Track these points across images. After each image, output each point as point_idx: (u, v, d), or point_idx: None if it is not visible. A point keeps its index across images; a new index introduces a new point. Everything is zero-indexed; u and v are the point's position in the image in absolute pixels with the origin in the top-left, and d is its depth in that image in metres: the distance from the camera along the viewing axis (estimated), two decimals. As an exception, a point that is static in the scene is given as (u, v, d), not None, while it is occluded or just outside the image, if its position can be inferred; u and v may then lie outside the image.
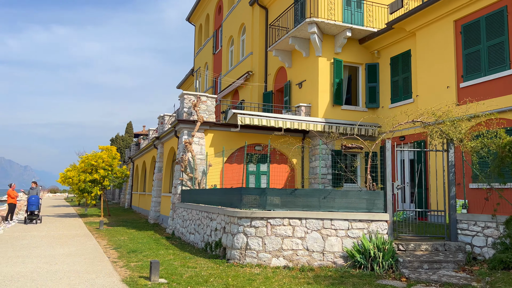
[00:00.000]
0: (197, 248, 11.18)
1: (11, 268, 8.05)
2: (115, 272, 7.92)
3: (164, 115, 19.96)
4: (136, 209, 28.43)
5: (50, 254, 9.79)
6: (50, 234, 13.88)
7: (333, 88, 16.65)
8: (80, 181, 21.54)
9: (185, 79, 35.96)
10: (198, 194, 12.66)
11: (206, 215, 11.01)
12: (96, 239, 13.02)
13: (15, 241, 12.12)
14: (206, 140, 15.52)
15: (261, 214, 8.54)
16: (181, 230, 13.57)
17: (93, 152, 22.88)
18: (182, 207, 13.91)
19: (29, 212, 18.07)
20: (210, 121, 15.37)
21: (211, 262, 8.90)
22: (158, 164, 20.07)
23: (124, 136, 64.75)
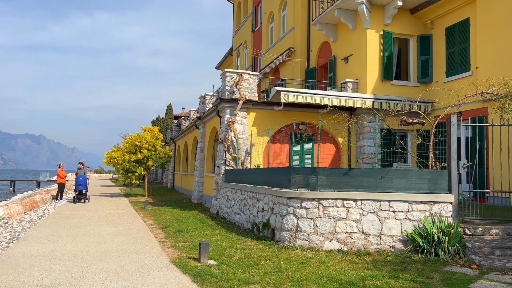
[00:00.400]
0: (243, 228, 10.91)
1: (62, 247, 8.08)
2: (163, 252, 7.76)
3: (205, 94, 19.72)
4: (179, 189, 28.79)
5: (98, 233, 9.84)
6: (98, 213, 14.12)
7: (382, 62, 15.66)
8: (124, 161, 21.89)
9: (224, 59, 35.59)
10: (242, 174, 12.34)
11: (252, 195, 10.67)
12: (142, 218, 13.08)
13: (65, 219, 12.38)
14: (249, 119, 15.10)
15: (312, 195, 8.05)
16: (225, 210, 13.38)
17: (137, 133, 23.15)
18: (226, 187, 13.68)
19: (77, 192, 18.57)
20: (252, 99, 14.91)
21: (259, 244, 8.57)
22: (200, 144, 19.97)
23: (164, 118, 65.87)
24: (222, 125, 15.16)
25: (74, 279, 5.81)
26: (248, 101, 14.74)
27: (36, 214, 13.79)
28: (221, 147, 14.77)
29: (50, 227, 10.80)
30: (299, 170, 8.46)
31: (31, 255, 7.29)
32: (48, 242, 8.59)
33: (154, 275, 6.11)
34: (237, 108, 14.37)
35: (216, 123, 17.19)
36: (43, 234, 9.57)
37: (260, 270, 6.44)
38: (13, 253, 7.46)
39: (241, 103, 14.41)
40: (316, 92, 14.70)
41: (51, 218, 12.78)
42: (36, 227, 10.84)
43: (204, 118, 19.19)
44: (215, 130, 18.29)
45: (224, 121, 14.74)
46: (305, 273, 6.27)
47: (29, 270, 6.23)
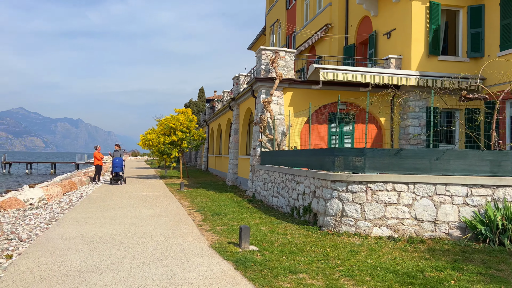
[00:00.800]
0: (282, 212, 10.48)
1: (100, 229, 7.93)
2: (202, 236, 7.45)
3: (239, 75, 19.21)
4: (213, 171, 28.74)
5: (135, 215, 9.69)
6: (134, 195, 14.09)
7: (428, 36, 14.57)
8: (159, 143, 21.90)
9: (256, 39, 34.81)
10: (279, 156, 11.85)
11: (291, 177, 10.18)
12: (178, 200, 12.92)
13: (102, 201, 12.37)
14: (285, 99, 14.52)
15: (360, 178, 7.47)
16: (262, 193, 12.99)
17: (171, 115, 23.06)
18: (262, 169, 13.26)
19: (114, 174, 18.72)
20: (289, 78, 14.27)
21: (301, 229, 8.11)
22: (234, 126, 19.60)
23: (197, 102, 66.11)
24: (257, 106, 14.66)
25: (111, 264, 5.57)
26: (284, 80, 14.13)
27: (74, 196, 13.92)
28: (257, 129, 14.31)
29: (87, 208, 10.78)
30: (345, 151, 7.87)
31: (69, 237, 7.15)
32: (85, 224, 8.49)
33: (193, 261, 5.79)
34: (273, 87, 13.80)
35: (250, 104, 16.70)
36: (81, 216, 9.51)
37: (305, 258, 5.99)
38: (52, 235, 7.36)
39: (277, 82, 13.82)
40: (358, 69, 13.87)
41: (88, 199, 12.83)
42: (74, 208, 10.85)
43: (238, 99, 18.74)
44: (250, 111, 17.82)
45: (260, 101, 14.23)
46: (356, 262, 5.76)
47: (67, 254, 6.05)
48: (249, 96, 16.41)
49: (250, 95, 16.12)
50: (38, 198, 11.88)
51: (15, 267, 5.39)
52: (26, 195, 11.70)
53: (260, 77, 14.07)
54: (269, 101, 13.67)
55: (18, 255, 6.08)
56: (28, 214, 9.83)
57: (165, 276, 5.06)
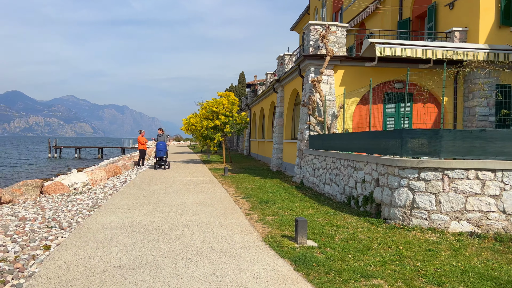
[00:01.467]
0: (336, 201, 9.57)
1: (143, 218, 7.41)
2: (252, 227, 6.72)
3: (284, 54, 18.21)
4: (256, 156, 28.11)
5: (180, 202, 9.14)
6: (178, 180, 13.65)
7: (500, 4, 12.88)
8: (202, 127, 21.45)
9: (299, 19, 33.41)
10: (332, 140, 10.87)
11: (347, 163, 9.21)
12: (223, 186, 12.32)
13: (146, 186, 11.99)
14: (336, 78, 13.42)
15: (435, 164, 6.41)
16: (311, 180, 12.10)
17: (213, 98, 22.50)
18: (311, 154, 12.34)
19: (158, 158, 18.48)
20: (340, 54, 13.14)
21: (363, 221, 7.19)
22: (278, 109, 18.71)
23: (237, 87, 65.57)
24: (305, 86, 13.67)
25: (155, 259, 4.95)
26: (335, 57, 13.02)
27: (118, 180, 13.68)
28: (305, 110, 13.35)
29: (131, 194, 10.38)
30: (416, 132, 6.79)
31: (111, 227, 6.66)
32: (128, 211, 8.02)
33: (246, 257, 5.06)
34: (324, 65, 12.73)
35: (297, 85, 15.72)
36: (124, 202, 9.08)
37: (375, 258, 5.10)
38: (93, 223, 6.90)
39: (328, 59, 12.73)
40: (418, 44, 12.49)
41: (132, 184, 12.50)
42: (117, 194, 10.49)
43: (283, 80, 17.79)
44: (296, 92, 16.85)
45: (308, 80, 13.22)
46: (439, 265, 4.80)
47: (107, 246, 5.51)
48: (296, 76, 15.42)
49: (296, 75, 15.13)
50: (82, 183, 11.66)
51: (51, 260, 4.90)
52: (70, 179, 11.51)
53: (309, 54, 13.03)
54: (318, 80, 12.64)
55: (56, 245, 5.62)
56: (71, 200, 9.55)
57: (215, 277, 4.36)
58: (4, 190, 9.62)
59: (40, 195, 10.34)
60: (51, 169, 35.81)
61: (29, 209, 8.25)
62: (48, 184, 10.94)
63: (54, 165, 41.21)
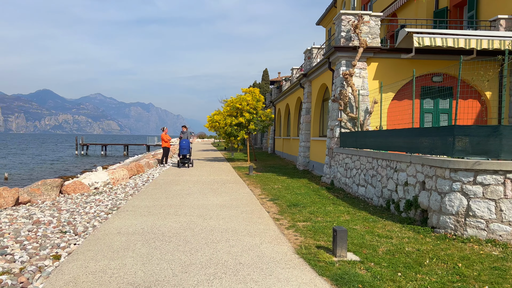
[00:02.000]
0: (373, 205, 8.76)
1: (163, 222, 6.83)
2: (282, 236, 6.03)
3: (311, 48, 17.38)
4: (280, 154, 27.37)
5: (203, 204, 8.54)
6: (202, 180, 13.10)
7: (552, -12, 11.68)
8: (226, 125, 20.88)
9: (326, 13, 32.35)
10: (367, 137, 10.03)
11: (385, 164, 8.38)
12: (248, 186, 11.67)
13: (168, 186, 11.47)
14: (369, 71, 12.53)
15: (495, 166, 5.54)
16: (343, 180, 11.30)
17: (238, 95, 21.89)
18: (343, 153, 11.52)
19: (181, 156, 18.03)
20: (374, 46, 12.24)
21: (407, 229, 6.38)
22: (305, 105, 17.91)
23: (261, 84, 64.93)
24: (335, 80, 12.84)
25: (174, 275, 4.33)
26: (368, 49, 12.13)
27: (140, 179, 13.25)
28: (335, 106, 12.53)
29: (152, 195, 9.87)
30: (470, 129, 5.93)
31: (128, 232, 6.10)
32: (148, 214, 7.47)
33: (278, 274, 4.37)
34: (356, 57, 11.87)
35: (326, 79, 14.88)
36: (144, 204, 8.55)
37: (431, 277, 4.32)
38: (110, 228, 6.37)
39: (361, 50, 11.87)
40: (461, 33, 11.45)
41: (154, 184, 12.02)
42: (138, 194, 10.00)
43: (311, 75, 16.97)
44: (324, 87, 16.01)
45: (339, 74, 12.39)
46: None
47: (122, 256, 4.94)
48: (325, 70, 14.59)
49: (326, 68, 14.30)
50: (103, 182, 11.25)
51: (59, 274, 4.35)
52: (91, 179, 11.12)
53: (340, 46, 12.19)
54: (351, 73, 11.79)
55: (67, 254, 5.09)
56: (90, 200, 9.11)
57: (243, 301, 3.70)
58: (22, 190, 9.27)
59: (60, 195, 9.97)
60: (77, 166, 36.19)
61: (46, 211, 7.83)
62: (68, 183, 10.57)
63: (80, 162, 41.72)
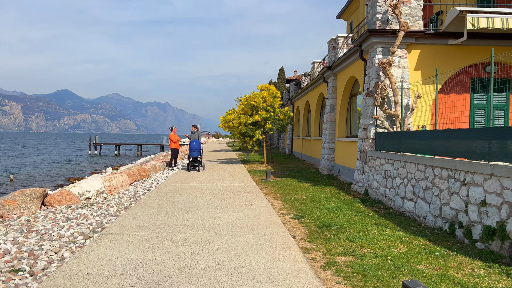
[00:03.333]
0: (428, 226, 6.82)
1: (153, 255, 5.06)
2: (319, 283, 4.18)
3: (337, 37, 15.43)
4: (299, 155, 25.46)
5: (210, 224, 6.76)
6: (212, 187, 11.33)
7: None
8: (240, 124, 19.10)
9: (348, 4, 30.24)
10: (415, 139, 8.08)
11: (446, 174, 6.44)
12: (266, 196, 9.86)
13: (172, 196, 9.73)
14: (409, 59, 10.56)
15: None
16: (381, 191, 9.36)
17: (252, 92, 20.07)
18: (381, 157, 9.59)
19: (191, 159, 16.33)
20: (416, 29, 10.26)
21: (497, 272, 4.46)
22: (329, 101, 15.99)
23: (277, 82, 63.05)
24: (369, 71, 10.91)
25: None
26: (410, 33, 10.17)
27: (142, 186, 11.57)
28: (369, 102, 10.60)
29: (150, 208, 8.13)
30: None
31: (101, 273, 4.35)
32: (137, 240, 5.71)
33: None
34: (396, 42, 9.91)
35: (356, 71, 12.94)
36: (136, 223, 6.81)
37: None
38: (79, 265, 4.63)
39: (401, 35, 9.90)
40: (527, 10, 9.40)
41: (157, 193, 10.30)
42: (134, 207, 8.28)
43: (336, 67, 15.04)
44: (353, 80, 14.07)
45: (374, 63, 10.45)
46: None
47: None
48: (355, 60, 12.65)
49: (356, 58, 12.36)
50: (95, 191, 9.59)
51: None
52: (81, 187, 9.46)
53: (375, 30, 10.25)
54: (389, 62, 9.83)
55: (-1, 318, 3.37)
56: (74, 216, 7.42)
57: None
58: (-7, 203, 7.66)
59: (42, 208, 8.33)
60: (89, 167, 35.00)
61: (11, 232, 6.16)
62: (53, 193, 8.92)
63: (93, 162, 40.61)
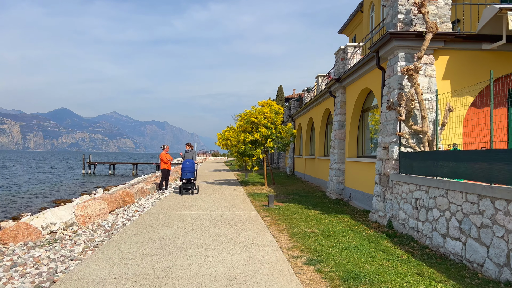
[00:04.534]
0: (488, 278, 5.12)
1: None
2: None
3: (346, 46, 13.96)
4: (302, 176, 23.75)
5: (198, 275, 5.04)
6: (205, 216, 9.61)
7: None
8: (239, 142, 17.48)
9: (350, 20, 29.10)
10: (458, 161, 6.42)
11: (515, 208, 4.78)
12: (270, 229, 8.15)
13: (156, 229, 8.00)
14: (437, 67, 9.03)
15: None
16: (411, 224, 7.66)
17: (253, 107, 18.53)
18: (409, 182, 7.92)
19: (184, 180, 14.64)
20: (445, 31, 8.76)
21: None
22: (337, 117, 14.41)
23: (275, 101, 61.81)
24: (389, 80, 9.35)
25: None
26: (438, 36, 8.66)
27: (124, 215, 9.85)
28: (391, 116, 9.00)
29: (125, 249, 6.40)
30: None
31: None
32: (91, 307, 4.00)
33: None
34: (423, 46, 8.38)
35: (370, 81, 11.40)
36: (98, 274, 5.08)
37: None
38: None
39: (429, 37, 8.38)
40: None
41: (138, 224, 8.58)
42: (104, 247, 6.55)
43: (346, 80, 13.52)
44: (366, 93, 12.53)
45: (395, 71, 8.91)
46: None
47: None
48: (370, 69, 11.13)
49: (372, 67, 10.84)
50: (63, 223, 7.88)
51: None
52: (45, 218, 7.75)
53: (397, 32, 8.73)
54: (416, 68, 8.26)
55: None
56: (22, 261, 5.71)
57: None
58: None
59: (-11, 246, 6.62)
60: (79, 188, 33.20)
61: None
62: (8, 227, 7.21)
63: (85, 182, 38.80)
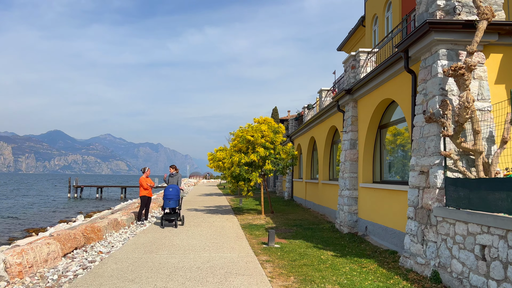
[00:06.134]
0: None
1: None
2: None
3: (358, 52, 11.95)
4: (302, 202, 21.44)
5: None
6: (187, 263, 7.26)
7: None
8: (233, 164, 15.23)
9: (350, 36, 27.35)
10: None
11: None
12: (273, 284, 5.85)
13: (119, 285, 5.66)
14: (488, 67, 6.97)
15: None
16: (474, 281, 5.39)
17: (249, 124, 16.38)
18: (468, 221, 5.67)
19: (165, 210, 12.31)
20: (501, 20, 6.74)
21: None
22: (348, 135, 12.29)
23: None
24: (424, 85, 7.25)
25: None
26: (492, 26, 6.63)
27: (81, 259, 7.49)
28: (432, 130, 6.85)
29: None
30: None
31: None
32: None
33: None
34: (476, 38, 6.33)
35: (392, 90, 9.31)
36: None
37: None
38: None
39: (483, 25, 6.34)
40: None
41: (93, 277, 6.22)
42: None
43: (358, 91, 11.47)
44: (385, 105, 10.44)
45: (436, 73, 6.82)
46: None
47: None
48: (393, 74, 9.05)
49: (396, 71, 8.77)
50: (-20, 280, 5.54)
51: None
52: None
53: (439, 21, 6.69)
54: (469, 66, 6.16)
55: None
56: None
57: None
58: None
59: None
60: (60, 213, 30.58)
61: None
62: None
63: (68, 207, 36.11)
